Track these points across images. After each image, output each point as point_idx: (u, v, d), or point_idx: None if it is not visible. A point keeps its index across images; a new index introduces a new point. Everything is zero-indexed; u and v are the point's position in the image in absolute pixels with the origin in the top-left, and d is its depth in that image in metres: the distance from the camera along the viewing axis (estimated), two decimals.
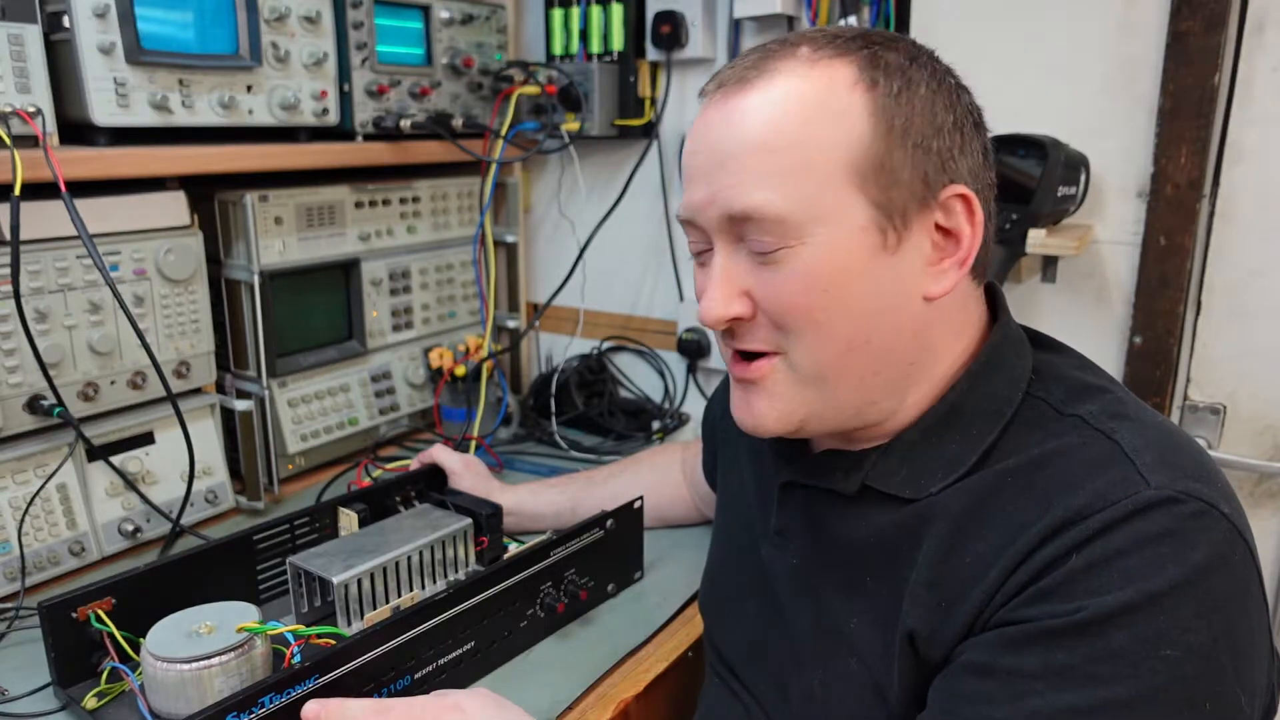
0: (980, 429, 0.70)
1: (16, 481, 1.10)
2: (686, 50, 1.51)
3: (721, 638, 0.91)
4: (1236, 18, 1.14)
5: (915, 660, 0.67)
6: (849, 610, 0.74)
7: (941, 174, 0.68)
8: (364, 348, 1.51)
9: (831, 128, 0.66)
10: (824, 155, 0.66)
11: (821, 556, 0.78)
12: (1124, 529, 0.59)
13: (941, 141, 0.68)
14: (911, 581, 0.68)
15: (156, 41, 1.14)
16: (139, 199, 1.18)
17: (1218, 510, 0.59)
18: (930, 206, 0.68)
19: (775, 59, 0.69)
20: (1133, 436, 0.64)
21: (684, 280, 1.65)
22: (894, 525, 0.71)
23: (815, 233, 0.66)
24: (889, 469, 0.73)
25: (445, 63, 1.52)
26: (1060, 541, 0.60)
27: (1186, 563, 0.57)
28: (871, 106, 0.66)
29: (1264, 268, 1.18)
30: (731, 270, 0.70)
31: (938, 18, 1.32)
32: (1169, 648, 0.56)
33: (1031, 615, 0.60)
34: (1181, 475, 0.61)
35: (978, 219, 0.69)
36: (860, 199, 0.66)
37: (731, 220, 0.68)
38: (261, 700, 0.76)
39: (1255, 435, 1.22)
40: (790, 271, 0.67)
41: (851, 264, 0.67)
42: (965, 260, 0.70)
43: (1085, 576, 0.58)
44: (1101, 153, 1.23)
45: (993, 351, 0.73)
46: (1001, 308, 0.77)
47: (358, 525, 1.09)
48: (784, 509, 0.82)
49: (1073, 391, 0.70)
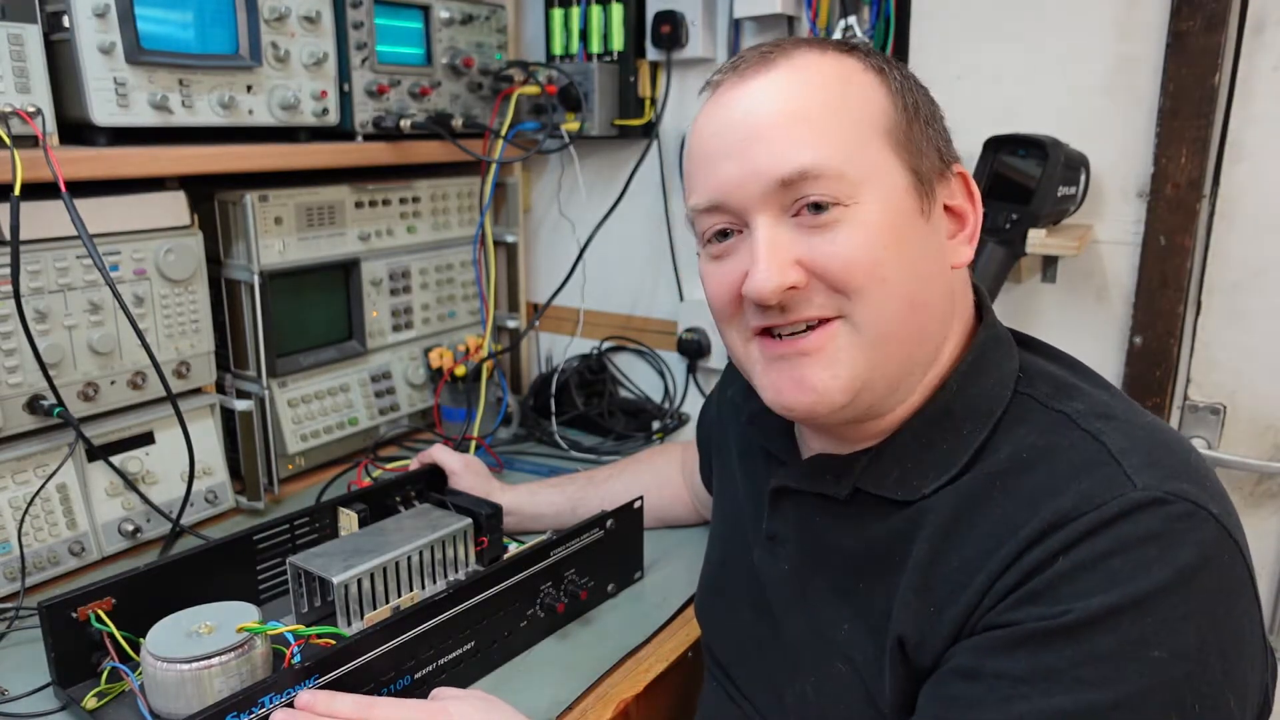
0: (971, 429, 0.70)
1: (16, 481, 1.10)
2: (686, 50, 1.51)
3: (717, 642, 0.91)
4: (1236, 17, 1.14)
5: (906, 665, 0.67)
6: (839, 616, 0.74)
7: (948, 152, 0.72)
8: (364, 348, 1.51)
9: (861, 98, 0.69)
10: (862, 119, 0.68)
11: (813, 562, 0.78)
12: (1110, 531, 0.58)
13: (939, 125, 0.73)
14: (901, 587, 0.68)
15: (156, 41, 1.14)
16: (139, 199, 1.18)
17: (1206, 510, 0.59)
18: (946, 179, 0.72)
19: (786, 47, 0.71)
20: (1119, 437, 0.64)
21: (684, 280, 1.65)
22: (885, 530, 0.71)
23: (867, 192, 0.67)
24: (881, 471, 0.72)
25: (445, 63, 1.52)
26: (1047, 545, 0.60)
27: (1173, 564, 0.57)
28: (886, 87, 0.70)
29: (1264, 268, 1.18)
30: (778, 240, 0.68)
31: (938, 17, 1.32)
32: (1155, 650, 0.56)
33: (1018, 618, 0.60)
34: (1169, 476, 0.60)
35: (976, 198, 0.73)
36: (897, 162, 0.68)
37: (783, 185, 0.66)
38: (261, 700, 0.76)
39: (1255, 435, 1.22)
40: (849, 232, 0.66)
41: (902, 223, 0.68)
42: (973, 236, 0.73)
43: (1071, 579, 0.58)
44: (1101, 153, 1.23)
45: (981, 351, 0.73)
46: (986, 308, 0.77)
47: (358, 525, 1.09)
48: (775, 514, 0.82)
49: (1060, 388, 0.70)
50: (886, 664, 0.68)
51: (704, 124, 0.72)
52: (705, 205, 0.71)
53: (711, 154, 0.71)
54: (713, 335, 1.60)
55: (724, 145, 0.69)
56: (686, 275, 1.65)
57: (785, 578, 0.80)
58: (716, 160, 0.70)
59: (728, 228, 0.71)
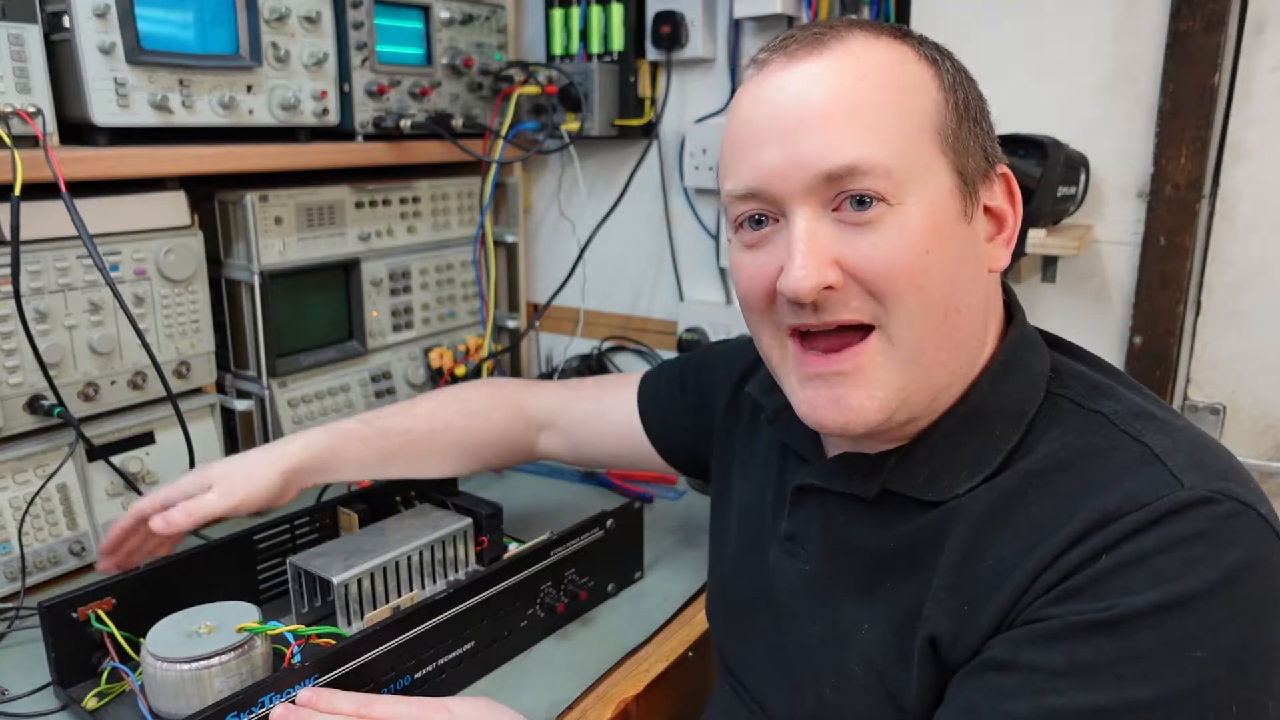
0: (1003, 429, 0.68)
1: (17, 481, 1.10)
2: (686, 50, 1.51)
3: (730, 647, 0.89)
4: (1236, 18, 1.14)
5: (937, 665, 0.66)
6: (861, 616, 0.72)
7: (993, 152, 0.70)
8: (364, 348, 1.51)
9: (913, 91, 0.66)
10: (913, 115, 0.65)
11: (835, 562, 0.76)
12: (1157, 530, 0.57)
13: (987, 123, 0.70)
14: (933, 586, 0.66)
15: (156, 41, 1.14)
16: (139, 199, 1.19)
17: (1255, 511, 0.58)
18: (990, 180, 0.70)
19: (839, 29, 0.67)
20: (1161, 438, 0.63)
21: (684, 280, 1.65)
22: (914, 529, 0.69)
23: (912, 192, 0.64)
24: (910, 471, 0.71)
25: (445, 63, 1.52)
26: (1090, 544, 0.59)
27: (1221, 564, 0.56)
28: (938, 81, 0.67)
29: (1264, 268, 1.18)
30: (818, 236, 0.64)
31: (938, 17, 1.32)
32: (1198, 650, 0.55)
33: (1058, 613, 0.59)
34: (1216, 475, 0.59)
35: (1017, 199, 0.71)
36: (944, 162, 0.66)
37: (829, 179, 0.63)
38: (261, 700, 0.76)
39: (1255, 435, 1.22)
40: (890, 234, 0.64)
41: (944, 226, 0.65)
42: (1011, 240, 0.71)
43: (1115, 576, 0.57)
44: (1101, 153, 1.23)
45: (1012, 351, 0.71)
46: (1016, 307, 0.75)
47: (358, 525, 1.09)
48: (796, 514, 0.80)
49: (1093, 388, 0.69)
50: (915, 664, 0.67)
51: (746, 105, 0.68)
52: (742, 192, 0.68)
53: (753, 138, 0.67)
54: (713, 335, 1.60)
55: (767, 130, 0.66)
56: (686, 275, 1.65)
57: (804, 579, 0.79)
58: (758, 145, 0.66)
59: (763, 215, 0.68)
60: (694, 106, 1.57)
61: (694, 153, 1.57)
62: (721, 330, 1.57)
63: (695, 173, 1.57)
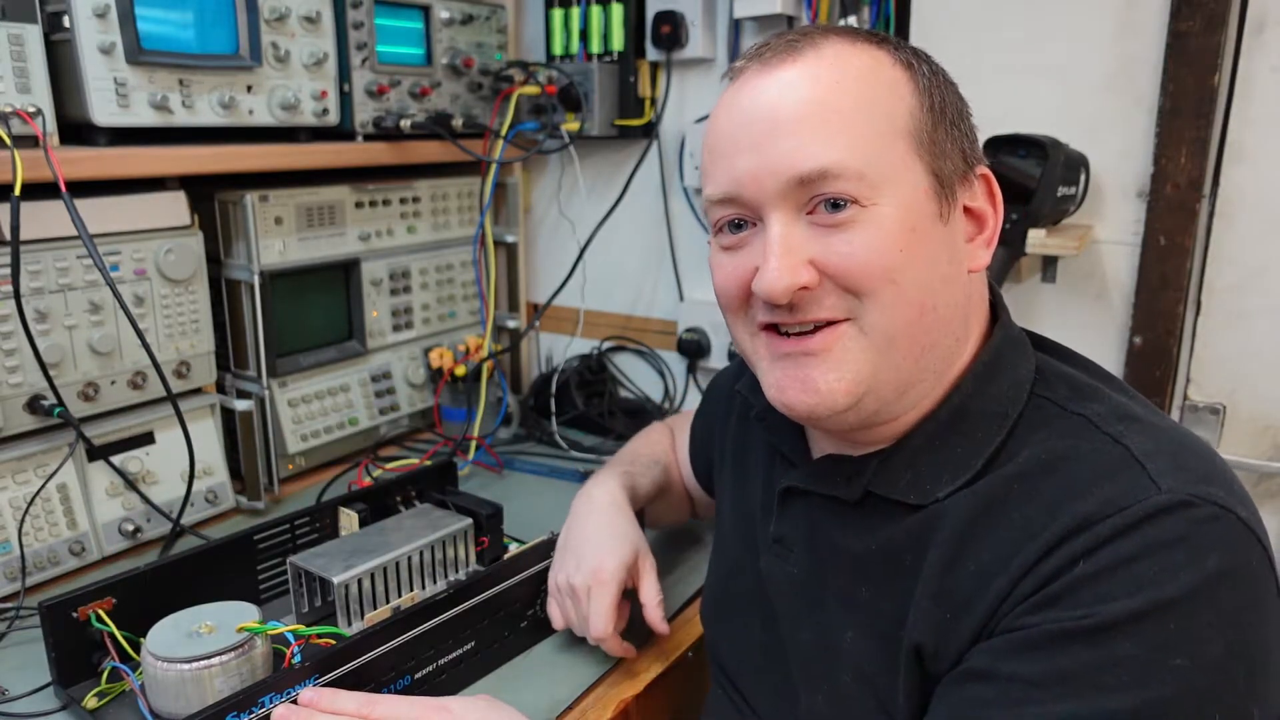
0: (986, 432, 0.68)
1: (17, 481, 1.10)
2: (686, 50, 1.51)
3: (723, 651, 0.89)
4: (1236, 18, 1.14)
5: (922, 674, 0.66)
6: (844, 623, 0.72)
7: (972, 153, 0.71)
8: (364, 348, 1.52)
9: (887, 95, 0.67)
10: (886, 120, 0.66)
11: (821, 566, 0.76)
12: (1135, 535, 0.57)
13: (966, 125, 0.71)
14: (917, 594, 0.66)
15: (156, 41, 1.14)
16: (139, 199, 1.19)
17: (1234, 515, 0.57)
18: (969, 182, 0.70)
19: (814, 37, 0.68)
20: (1143, 440, 0.62)
21: (684, 280, 1.65)
22: (897, 533, 0.69)
23: (886, 194, 0.65)
24: (893, 474, 0.71)
25: (445, 63, 1.52)
26: (1068, 549, 0.58)
27: (1200, 569, 0.55)
28: (914, 84, 0.68)
29: (1264, 268, 1.18)
30: (792, 239, 0.66)
31: (938, 17, 1.32)
32: (1179, 657, 0.54)
33: (1037, 621, 0.58)
34: (1195, 479, 0.59)
35: (998, 200, 0.72)
36: (919, 165, 0.67)
37: (801, 183, 0.65)
38: (261, 700, 0.76)
39: (1255, 435, 1.22)
40: (865, 234, 0.65)
41: (919, 226, 0.66)
42: (991, 240, 0.72)
43: (1093, 583, 0.57)
44: (1101, 153, 1.23)
45: (996, 353, 0.71)
46: (1001, 308, 0.76)
47: (358, 525, 1.09)
48: (784, 516, 0.80)
49: (1077, 390, 0.69)
50: (900, 671, 0.67)
51: (723, 113, 0.70)
52: (719, 197, 0.70)
53: (729, 145, 0.69)
54: (713, 335, 1.60)
55: (742, 137, 0.68)
56: (686, 275, 1.65)
57: (794, 583, 0.78)
58: (734, 152, 0.68)
59: (741, 219, 0.70)
60: (694, 106, 1.57)
61: (694, 153, 1.57)
62: (721, 330, 1.57)
63: (695, 173, 1.57)
